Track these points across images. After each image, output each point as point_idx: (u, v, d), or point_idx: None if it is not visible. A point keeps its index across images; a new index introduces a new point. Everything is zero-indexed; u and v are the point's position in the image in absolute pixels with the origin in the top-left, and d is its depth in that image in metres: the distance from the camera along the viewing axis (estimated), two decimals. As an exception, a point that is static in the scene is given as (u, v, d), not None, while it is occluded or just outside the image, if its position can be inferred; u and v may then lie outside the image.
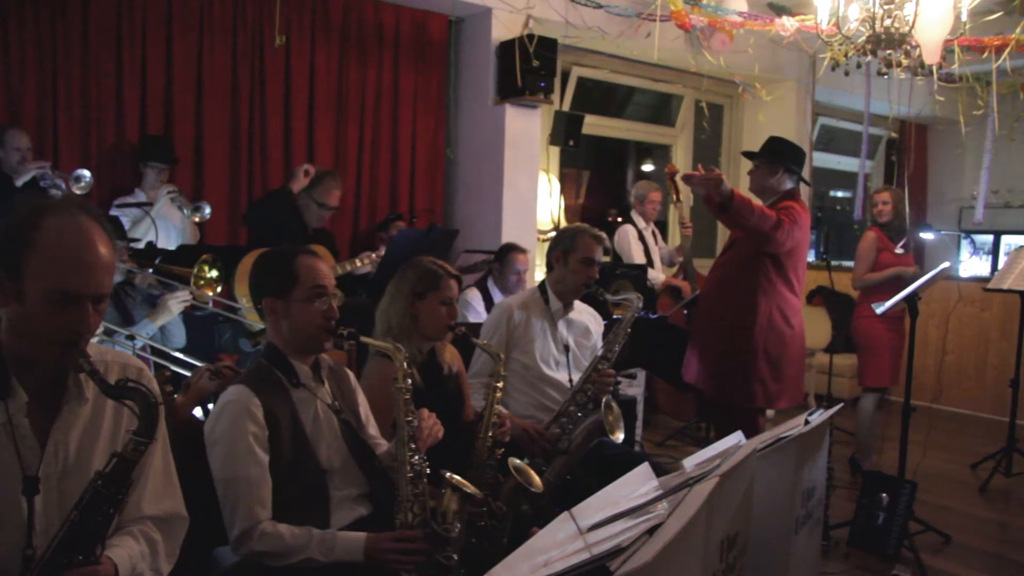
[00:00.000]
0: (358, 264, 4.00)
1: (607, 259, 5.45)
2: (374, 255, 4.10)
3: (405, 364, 2.02)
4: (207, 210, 4.04)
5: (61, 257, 1.33)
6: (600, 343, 3.15)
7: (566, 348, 3.04)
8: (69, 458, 1.41)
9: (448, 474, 1.98)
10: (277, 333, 2.02)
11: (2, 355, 1.37)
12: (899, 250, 4.50)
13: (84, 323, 1.36)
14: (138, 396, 1.34)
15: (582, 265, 2.98)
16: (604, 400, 2.73)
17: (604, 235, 3.10)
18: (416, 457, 1.95)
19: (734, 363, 3.45)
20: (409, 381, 2.01)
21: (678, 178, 5.69)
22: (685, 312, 5.38)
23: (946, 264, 3.73)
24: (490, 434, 2.38)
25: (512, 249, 4.30)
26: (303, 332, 1.99)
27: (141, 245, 3.63)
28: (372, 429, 2.18)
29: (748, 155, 3.75)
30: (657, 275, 5.38)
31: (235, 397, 1.90)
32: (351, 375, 2.20)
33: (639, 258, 5.34)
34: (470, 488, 1.97)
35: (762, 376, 3.42)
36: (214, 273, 3.31)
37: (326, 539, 1.84)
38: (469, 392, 2.71)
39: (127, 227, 3.89)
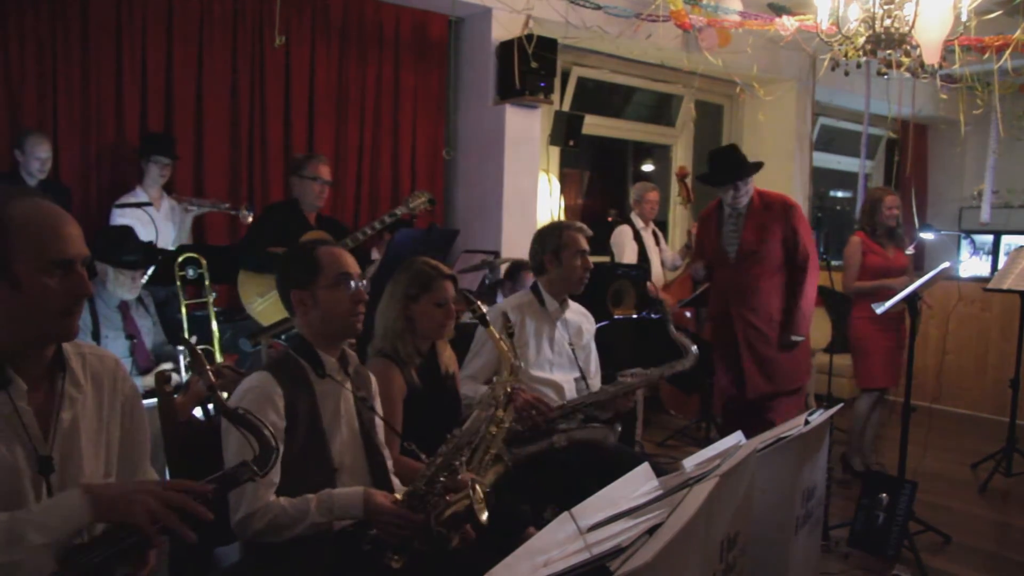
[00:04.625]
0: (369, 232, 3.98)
1: (606, 259, 5.46)
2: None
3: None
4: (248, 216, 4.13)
5: (41, 230, 1.36)
6: (592, 342, 3.16)
7: (571, 348, 3.05)
8: (72, 441, 1.44)
9: (473, 481, 1.96)
10: (306, 324, 2.02)
11: None
12: (910, 251, 4.52)
13: (83, 284, 1.40)
14: (257, 432, 1.42)
15: (576, 258, 2.98)
16: (613, 427, 2.73)
17: (583, 224, 3.08)
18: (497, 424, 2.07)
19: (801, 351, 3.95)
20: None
21: (687, 180, 5.72)
22: (688, 315, 5.38)
23: (946, 264, 3.73)
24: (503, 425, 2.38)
25: (523, 267, 4.26)
26: (334, 318, 1.99)
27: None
28: (379, 435, 2.18)
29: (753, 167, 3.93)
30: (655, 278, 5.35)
31: (259, 384, 1.90)
32: (374, 381, 2.19)
33: (631, 257, 5.33)
34: (480, 506, 1.92)
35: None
36: (190, 272, 3.35)
37: (323, 500, 1.85)
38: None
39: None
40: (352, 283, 2.00)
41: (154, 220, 3.82)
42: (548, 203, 5.65)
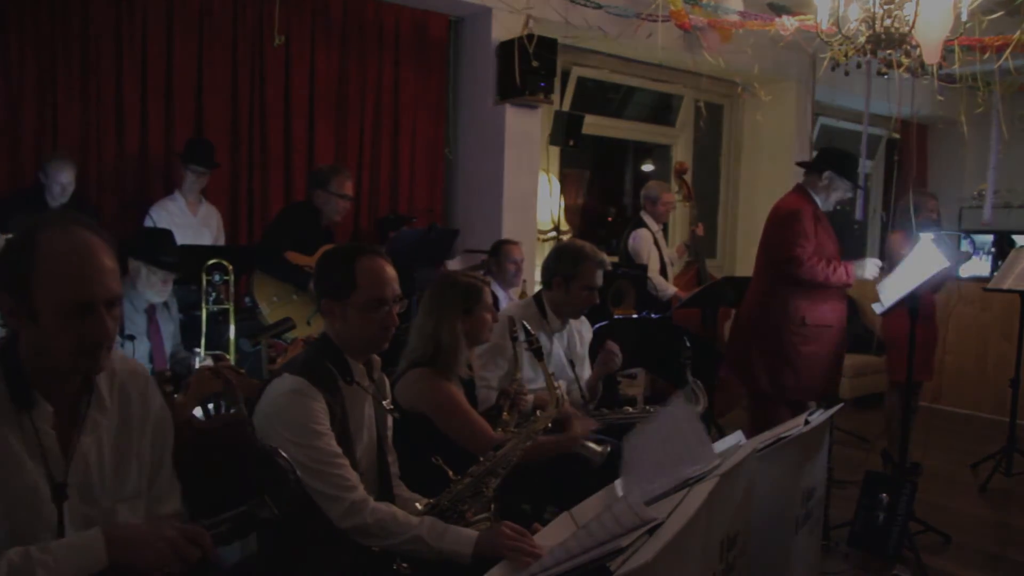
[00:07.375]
0: None
1: (614, 259, 5.43)
2: None
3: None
4: None
5: (65, 269, 1.32)
6: (586, 349, 3.21)
7: (567, 359, 3.08)
8: (91, 465, 1.42)
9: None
10: (333, 331, 1.99)
11: (23, 370, 1.36)
12: None
13: (103, 329, 1.35)
14: (280, 472, 1.48)
15: (583, 292, 2.99)
16: (604, 448, 2.74)
17: (605, 258, 3.08)
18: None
19: None
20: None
21: (686, 177, 5.68)
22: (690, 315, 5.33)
23: (946, 264, 3.73)
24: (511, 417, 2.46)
25: (504, 243, 4.36)
26: (358, 338, 1.97)
27: None
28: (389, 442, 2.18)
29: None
30: (667, 288, 5.29)
31: (299, 387, 1.86)
32: (387, 386, 2.19)
33: (654, 264, 5.23)
34: None
35: None
36: (216, 277, 3.34)
37: (436, 525, 1.81)
38: None
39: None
40: (386, 308, 1.95)
41: (190, 224, 3.87)
42: (548, 203, 5.65)
